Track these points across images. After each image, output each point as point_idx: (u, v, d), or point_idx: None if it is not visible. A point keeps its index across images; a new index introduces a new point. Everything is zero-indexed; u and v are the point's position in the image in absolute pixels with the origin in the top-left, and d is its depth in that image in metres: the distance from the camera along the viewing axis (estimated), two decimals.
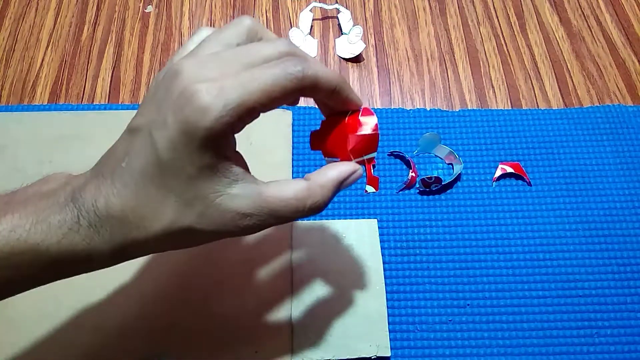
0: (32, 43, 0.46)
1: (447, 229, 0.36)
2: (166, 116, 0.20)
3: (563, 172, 0.38)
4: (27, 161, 0.38)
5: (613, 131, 0.40)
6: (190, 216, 0.21)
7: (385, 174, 0.38)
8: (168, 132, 0.19)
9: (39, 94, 0.43)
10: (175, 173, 0.20)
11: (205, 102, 0.19)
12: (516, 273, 0.34)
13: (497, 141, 0.40)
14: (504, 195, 0.37)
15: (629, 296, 0.34)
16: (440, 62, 0.45)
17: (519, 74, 0.44)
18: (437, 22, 0.47)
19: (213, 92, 0.19)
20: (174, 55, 0.23)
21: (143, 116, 0.21)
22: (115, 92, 0.43)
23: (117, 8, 0.48)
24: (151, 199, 0.20)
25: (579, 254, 0.35)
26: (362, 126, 0.23)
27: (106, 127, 0.40)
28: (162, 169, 0.20)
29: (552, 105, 0.42)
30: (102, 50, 0.45)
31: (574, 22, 0.47)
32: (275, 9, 0.48)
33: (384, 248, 0.35)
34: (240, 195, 0.21)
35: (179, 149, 0.19)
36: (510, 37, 0.46)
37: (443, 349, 0.32)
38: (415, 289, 0.34)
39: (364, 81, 0.44)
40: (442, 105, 0.42)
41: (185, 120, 0.19)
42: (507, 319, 0.33)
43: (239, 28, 0.22)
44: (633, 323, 0.33)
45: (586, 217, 0.36)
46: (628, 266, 0.35)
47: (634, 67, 0.44)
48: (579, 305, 0.33)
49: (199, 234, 0.21)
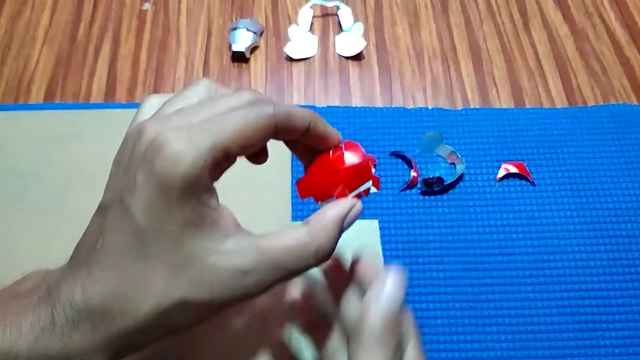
0: (28, 41, 0.45)
1: (449, 229, 0.36)
2: (136, 176, 0.18)
3: (567, 171, 0.38)
4: (23, 160, 0.37)
5: (618, 130, 0.40)
6: (181, 285, 0.18)
7: (387, 174, 0.38)
8: (141, 192, 0.18)
9: (35, 92, 0.42)
10: (157, 237, 0.18)
11: (176, 149, 0.17)
12: (520, 274, 0.34)
13: (500, 140, 0.39)
14: (507, 195, 0.37)
15: (635, 298, 0.33)
16: (442, 60, 0.44)
17: (523, 72, 0.43)
18: (439, 19, 0.46)
19: (184, 138, 0.17)
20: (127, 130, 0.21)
21: (110, 190, 0.19)
22: (112, 91, 0.42)
23: (113, 5, 0.47)
24: (134, 275, 0.18)
25: (583, 255, 0.35)
26: (350, 157, 0.22)
27: (102, 126, 0.39)
28: (142, 237, 0.18)
29: (556, 104, 0.42)
30: (99, 48, 0.45)
31: (578, 19, 0.46)
32: (274, 6, 0.47)
33: (385, 249, 0.35)
34: (234, 251, 0.19)
35: (157, 207, 0.17)
36: (514, 35, 0.45)
37: (446, 352, 0.32)
38: (418, 291, 0.33)
39: (364, 79, 0.43)
40: (444, 104, 0.42)
41: (158, 173, 0.17)
42: (511, 320, 0.33)
43: (197, 87, 0.21)
44: (638, 325, 0.32)
45: (591, 218, 0.36)
46: (633, 267, 0.34)
47: (638, 65, 0.43)
48: (583, 307, 0.33)
49: (195, 307, 0.18)
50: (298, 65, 0.44)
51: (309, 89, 0.43)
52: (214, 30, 0.46)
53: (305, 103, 0.42)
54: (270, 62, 0.44)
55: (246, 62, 0.44)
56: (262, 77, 0.43)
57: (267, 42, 0.45)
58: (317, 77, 0.43)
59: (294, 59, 0.44)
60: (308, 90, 0.43)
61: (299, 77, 0.43)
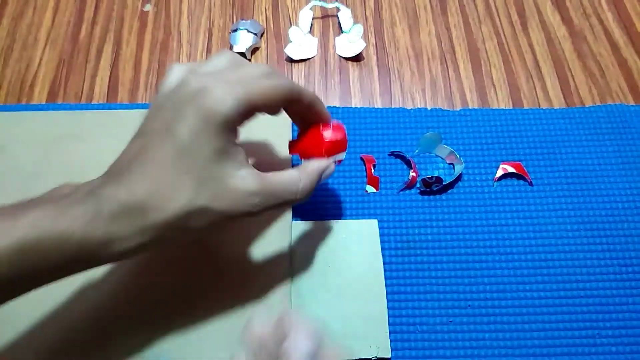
0: (30, 42, 0.45)
1: (448, 229, 0.36)
2: (184, 111, 0.24)
3: (565, 172, 0.38)
4: (26, 161, 0.38)
5: (615, 131, 0.40)
6: (205, 195, 0.24)
7: (386, 174, 0.38)
8: (188, 121, 0.23)
9: (37, 93, 0.42)
10: (194, 157, 0.23)
11: (221, 95, 0.23)
12: (517, 274, 0.34)
13: (498, 141, 0.40)
14: (505, 195, 0.37)
15: (631, 297, 0.34)
16: (441, 61, 0.44)
17: (521, 73, 0.44)
18: (438, 20, 0.47)
19: (226, 89, 0.24)
20: (160, 87, 0.26)
21: (155, 120, 0.25)
22: (114, 92, 0.43)
23: (115, 7, 0.48)
24: (170, 182, 0.23)
25: (580, 255, 0.35)
26: (333, 134, 0.30)
27: (105, 127, 0.39)
28: (181, 154, 0.23)
29: (554, 104, 0.42)
30: (101, 50, 0.45)
31: (576, 21, 0.47)
32: (274, 7, 0.48)
33: (385, 248, 0.35)
34: (247, 177, 0.25)
35: (199, 134, 0.23)
36: (512, 36, 0.46)
37: (444, 349, 0.32)
38: (416, 290, 0.34)
39: (364, 80, 0.44)
40: (443, 105, 0.42)
41: (206, 109, 0.23)
42: (509, 319, 0.33)
43: (222, 56, 0.27)
44: (635, 324, 0.33)
45: (588, 217, 0.36)
46: (630, 266, 0.35)
47: (635, 67, 0.44)
48: (580, 305, 0.33)
49: (211, 215, 0.24)
50: (298, 66, 0.44)
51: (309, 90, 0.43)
52: (214, 32, 0.46)
53: None
54: (270, 63, 0.44)
55: None
56: None
57: (267, 43, 0.46)
58: (317, 77, 0.44)
59: (294, 60, 0.44)
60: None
61: (299, 77, 0.44)
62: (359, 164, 0.39)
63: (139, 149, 0.24)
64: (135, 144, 0.25)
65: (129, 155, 0.24)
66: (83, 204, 0.23)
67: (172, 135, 0.23)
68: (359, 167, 0.38)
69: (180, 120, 0.23)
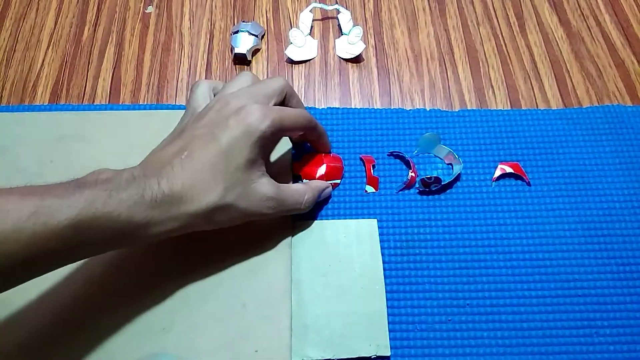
0: (33, 43, 0.46)
1: (447, 228, 0.36)
2: (229, 122, 0.29)
3: (562, 172, 0.38)
4: (28, 161, 0.38)
5: (612, 131, 0.40)
6: (232, 195, 0.29)
7: (385, 174, 0.39)
8: (232, 131, 0.28)
9: (40, 94, 0.43)
10: (229, 162, 0.28)
11: (261, 115, 0.29)
12: (515, 273, 0.35)
13: (496, 141, 0.40)
14: (503, 195, 0.38)
15: (628, 296, 0.34)
16: (440, 63, 0.45)
17: (519, 75, 0.44)
18: (436, 22, 0.47)
19: (264, 112, 0.29)
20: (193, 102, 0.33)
21: (197, 128, 0.29)
22: (116, 93, 0.43)
23: (117, 8, 0.48)
24: (207, 180, 0.28)
25: (578, 254, 0.35)
26: (334, 161, 0.38)
27: (107, 127, 0.40)
28: (220, 158, 0.28)
29: (552, 105, 0.42)
30: (103, 51, 0.45)
31: (574, 22, 0.47)
32: (275, 10, 0.48)
33: (384, 248, 0.35)
34: (266, 184, 0.30)
35: (239, 143, 0.28)
36: (510, 38, 0.46)
37: (443, 348, 0.32)
38: (415, 289, 0.34)
39: (363, 82, 0.44)
40: (442, 106, 0.42)
41: (247, 124, 0.29)
42: (507, 318, 0.33)
43: (244, 77, 0.33)
44: (632, 323, 0.33)
45: (585, 217, 0.37)
46: (627, 266, 0.35)
47: (633, 68, 0.44)
48: (578, 304, 0.33)
49: (235, 211, 0.29)
50: (299, 67, 0.45)
51: (309, 91, 0.43)
52: (216, 33, 0.47)
53: (305, 104, 0.42)
54: (271, 64, 0.45)
55: (248, 65, 0.45)
56: None
57: (268, 44, 0.46)
58: (317, 79, 0.44)
59: (295, 61, 0.45)
60: (308, 92, 0.43)
61: (300, 79, 0.44)
62: (359, 164, 0.39)
63: (179, 149, 0.28)
64: (175, 145, 0.29)
65: (168, 152, 0.29)
66: (128, 189, 0.26)
67: (215, 141, 0.28)
68: (358, 168, 0.39)
69: (224, 130, 0.28)
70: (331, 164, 0.37)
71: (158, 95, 0.43)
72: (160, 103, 0.42)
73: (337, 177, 0.37)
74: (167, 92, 0.43)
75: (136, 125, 0.40)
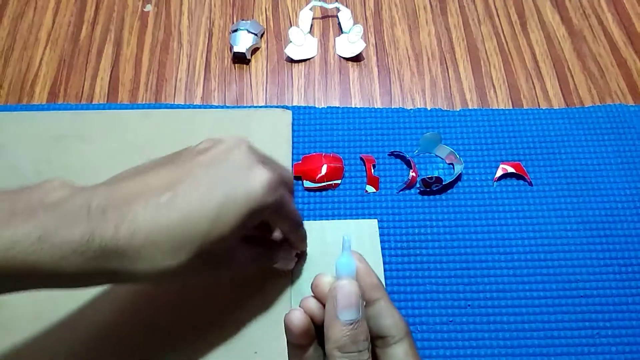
0: (31, 42, 0.45)
1: (448, 229, 0.36)
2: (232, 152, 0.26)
3: (564, 172, 0.38)
4: (26, 161, 0.38)
5: (614, 131, 0.40)
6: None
7: (386, 174, 0.38)
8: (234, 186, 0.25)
9: (38, 93, 0.43)
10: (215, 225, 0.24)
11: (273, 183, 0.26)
12: (517, 273, 0.34)
13: (498, 141, 0.40)
14: (504, 195, 0.37)
15: (630, 296, 0.34)
16: (441, 62, 0.44)
17: (520, 74, 0.44)
18: (437, 21, 0.47)
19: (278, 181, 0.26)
20: None
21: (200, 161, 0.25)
22: (114, 92, 0.43)
23: (115, 7, 0.48)
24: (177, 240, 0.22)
25: (580, 254, 0.35)
26: (332, 161, 0.38)
27: (105, 127, 0.39)
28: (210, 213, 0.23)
29: (554, 104, 0.42)
30: (101, 50, 0.45)
31: (575, 21, 0.47)
32: (275, 8, 0.48)
33: (385, 248, 0.35)
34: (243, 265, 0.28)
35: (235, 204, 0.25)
36: (511, 36, 0.46)
37: (444, 349, 0.32)
38: (416, 289, 0.34)
39: (364, 80, 0.44)
40: (443, 105, 0.42)
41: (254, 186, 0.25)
42: (508, 319, 0.33)
43: None
44: (634, 323, 0.33)
45: (587, 217, 0.36)
46: (629, 266, 0.35)
47: (635, 67, 0.44)
48: (580, 305, 0.33)
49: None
50: (298, 66, 0.44)
51: (309, 90, 0.43)
52: (215, 32, 0.46)
53: (305, 104, 0.42)
54: (270, 63, 0.45)
55: (247, 64, 0.45)
56: (263, 78, 0.44)
57: (267, 43, 0.46)
58: (317, 78, 0.44)
59: (295, 60, 0.45)
60: (308, 91, 0.43)
61: (299, 78, 0.44)
62: (359, 164, 0.39)
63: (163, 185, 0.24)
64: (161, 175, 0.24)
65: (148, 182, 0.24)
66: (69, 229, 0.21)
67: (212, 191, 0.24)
68: (359, 167, 0.39)
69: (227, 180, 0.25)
70: (331, 164, 0.37)
71: (156, 95, 0.43)
72: (158, 102, 0.42)
73: (337, 177, 0.37)
74: (166, 91, 0.43)
75: (134, 124, 0.40)
